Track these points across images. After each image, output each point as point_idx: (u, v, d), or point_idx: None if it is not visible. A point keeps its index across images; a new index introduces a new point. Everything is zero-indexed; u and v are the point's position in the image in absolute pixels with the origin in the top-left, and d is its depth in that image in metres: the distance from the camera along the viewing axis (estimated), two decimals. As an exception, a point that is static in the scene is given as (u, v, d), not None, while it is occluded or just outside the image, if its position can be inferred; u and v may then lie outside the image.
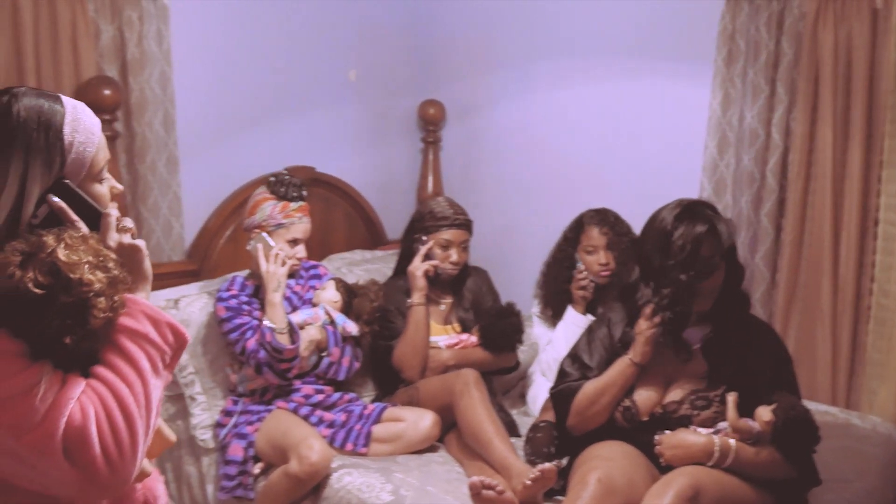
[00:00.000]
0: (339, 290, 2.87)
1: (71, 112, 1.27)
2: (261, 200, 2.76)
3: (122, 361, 1.20)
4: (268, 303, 2.62)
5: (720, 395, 2.17)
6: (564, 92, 3.64)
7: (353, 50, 3.76)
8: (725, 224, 2.21)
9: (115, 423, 1.16)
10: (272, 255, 2.65)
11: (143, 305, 1.25)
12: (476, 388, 2.59)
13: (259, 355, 2.58)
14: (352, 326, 2.80)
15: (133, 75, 2.99)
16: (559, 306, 3.07)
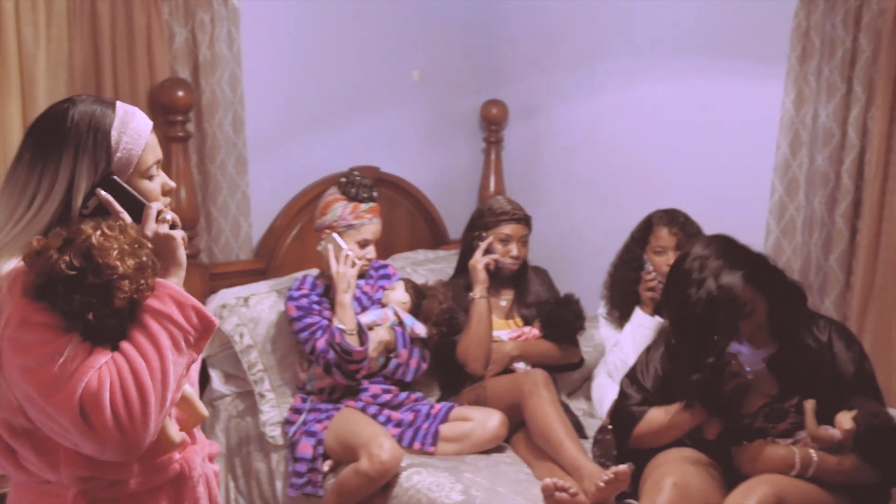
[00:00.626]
0: (409, 290, 2.87)
1: (121, 116, 1.44)
2: (332, 201, 2.77)
3: (143, 338, 1.33)
4: (338, 304, 2.64)
5: (795, 404, 2.11)
6: (631, 91, 3.60)
7: (417, 50, 3.78)
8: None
9: (127, 392, 1.29)
10: (342, 256, 2.66)
11: (171, 289, 1.37)
12: (545, 387, 2.59)
13: (328, 356, 2.60)
14: (420, 328, 2.80)
15: (204, 77, 3.05)
16: (626, 308, 3.04)
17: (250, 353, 2.82)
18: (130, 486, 1.45)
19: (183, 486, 1.51)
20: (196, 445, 1.56)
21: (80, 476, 1.39)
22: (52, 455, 1.38)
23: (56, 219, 1.37)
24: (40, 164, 1.39)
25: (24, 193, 1.38)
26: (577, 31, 3.73)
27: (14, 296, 1.31)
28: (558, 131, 3.85)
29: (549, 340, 2.95)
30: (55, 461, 1.38)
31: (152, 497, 1.48)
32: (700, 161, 3.41)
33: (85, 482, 1.40)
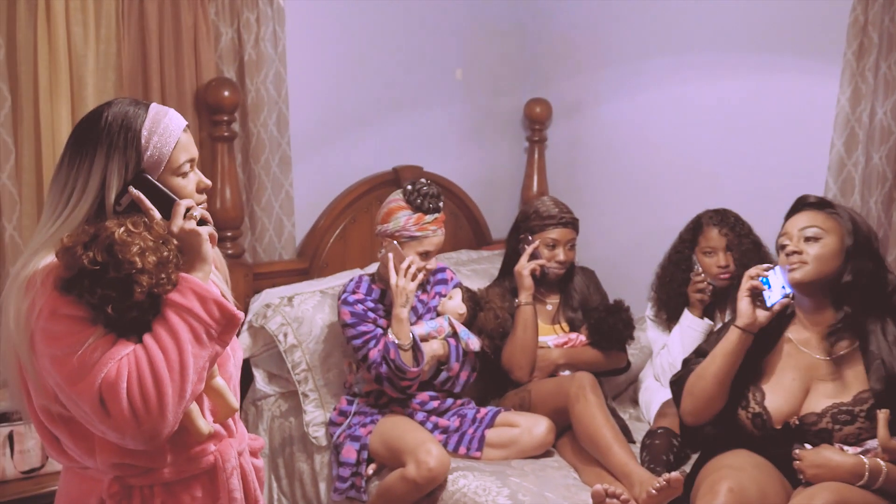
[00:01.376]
0: (465, 301, 2.78)
1: (152, 116, 1.49)
2: (395, 209, 2.66)
3: (163, 330, 1.38)
4: (394, 317, 2.56)
5: (866, 410, 2.02)
6: (678, 89, 3.53)
7: (459, 48, 3.77)
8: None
9: (144, 383, 1.34)
10: (403, 268, 2.57)
11: (194, 283, 1.42)
12: (592, 391, 2.54)
13: (381, 369, 2.55)
14: (475, 343, 2.71)
15: (250, 76, 3.06)
16: (675, 310, 2.97)
17: (294, 352, 2.81)
18: (164, 475, 1.49)
19: (217, 478, 1.54)
20: (233, 438, 1.59)
21: (113, 462, 1.44)
22: (87, 441, 1.44)
23: (91, 216, 1.44)
24: (76, 163, 1.46)
25: (63, 192, 1.45)
26: (621, 29, 3.68)
27: (46, 289, 1.37)
28: (603, 130, 3.81)
29: (596, 348, 2.90)
30: (91, 447, 1.44)
31: (186, 487, 1.53)
32: (751, 160, 3.33)
33: (119, 469, 1.46)
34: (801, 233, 2.13)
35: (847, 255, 2.11)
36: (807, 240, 2.12)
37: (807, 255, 2.10)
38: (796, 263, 2.10)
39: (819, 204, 2.19)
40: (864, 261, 2.12)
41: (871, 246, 2.15)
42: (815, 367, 2.13)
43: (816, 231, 2.12)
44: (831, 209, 2.17)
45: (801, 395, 2.12)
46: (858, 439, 2.03)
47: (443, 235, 2.69)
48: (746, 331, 2.13)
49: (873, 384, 2.05)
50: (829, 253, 2.10)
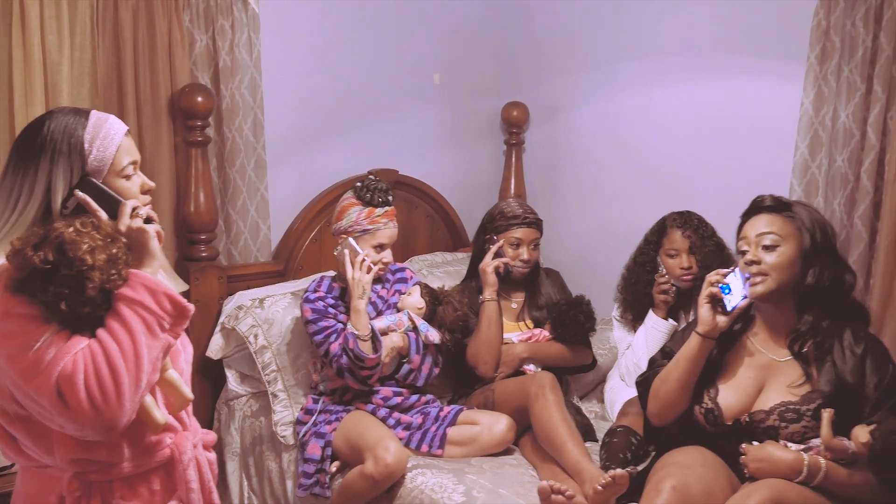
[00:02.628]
0: (424, 296, 2.86)
1: (94, 123, 1.57)
2: (347, 206, 2.78)
3: (116, 324, 1.45)
4: (353, 309, 2.65)
5: (813, 409, 2.06)
6: (651, 92, 3.58)
7: (437, 53, 3.80)
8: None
9: (100, 373, 1.40)
10: (358, 261, 2.68)
11: (143, 278, 1.49)
12: (551, 390, 2.58)
13: (342, 360, 2.62)
14: (434, 335, 2.80)
15: (224, 82, 3.10)
16: (640, 310, 3.02)
17: (264, 353, 2.86)
18: (123, 470, 1.54)
19: (174, 470, 1.60)
20: (188, 431, 1.66)
21: (72, 459, 1.49)
22: (45, 439, 1.48)
23: (38, 220, 1.51)
24: (21, 170, 1.53)
25: (10, 198, 1.52)
26: (596, 33, 3.72)
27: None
28: (579, 133, 3.85)
29: (559, 342, 2.95)
30: (49, 445, 1.49)
31: (145, 480, 1.58)
32: (718, 162, 3.37)
33: (78, 465, 1.50)
34: (758, 239, 2.15)
35: (806, 259, 2.13)
36: (765, 248, 2.14)
37: (765, 265, 2.12)
38: (756, 276, 2.13)
39: (776, 206, 2.20)
40: (824, 263, 2.14)
41: (829, 246, 2.17)
42: (771, 366, 2.17)
43: (774, 238, 2.13)
44: (788, 212, 2.19)
45: (754, 393, 2.16)
46: (803, 437, 2.07)
47: (395, 228, 2.79)
48: (707, 337, 2.17)
49: (822, 385, 2.09)
50: (787, 261, 2.13)
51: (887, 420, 1.97)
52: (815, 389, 2.09)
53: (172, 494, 1.61)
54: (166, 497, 1.61)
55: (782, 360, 2.17)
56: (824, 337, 2.12)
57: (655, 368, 2.32)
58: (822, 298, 2.14)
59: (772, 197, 2.23)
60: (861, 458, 1.97)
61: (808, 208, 2.23)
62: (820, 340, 2.12)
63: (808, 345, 2.14)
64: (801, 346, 2.15)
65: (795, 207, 2.19)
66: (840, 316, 2.16)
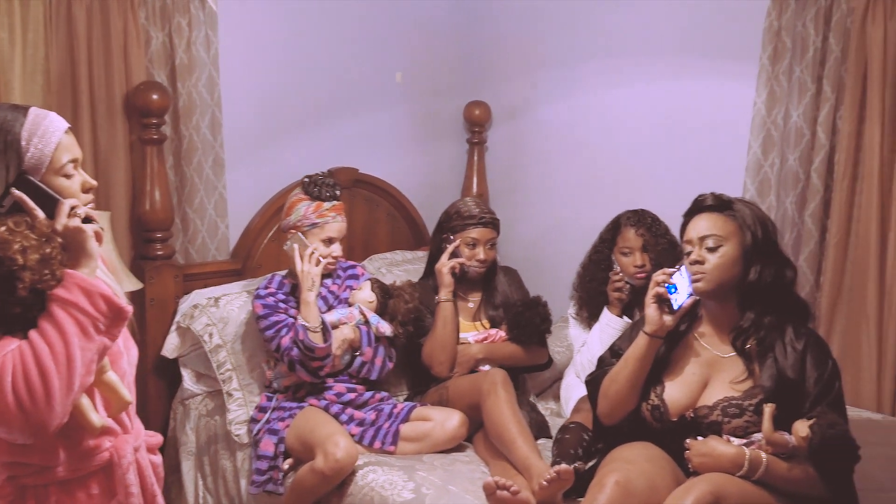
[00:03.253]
0: (375, 290, 2.89)
1: (31, 119, 1.52)
2: (295, 201, 2.80)
3: (48, 325, 1.41)
4: (302, 302, 2.67)
5: (755, 404, 2.09)
6: (610, 92, 3.61)
7: (399, 52, 3.79)
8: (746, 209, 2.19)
9: (28, 375, 1.37)
10: (307, 254, 2.71)
11: (79, 279, 1.45)
12: (503, 387, 2.59)
13: (292, 353, 2.63)
14: (385, 327, 2.82)
15: (181, 80, 3.08)
16: (595, 308, 3.04)
17: (219, 352, 2.86)
18: (59, 473, 1.51)
19: (113, 474, 1.57)
20: (129, 434, 1.62)
21: (4, 462, 1.47)
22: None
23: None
24: None
25: None
26: (557, 33, 3.74)
27: None
28: (540, 133, 3.86)
29: (515, 343, 2.96)
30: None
31: (82, 484, 1.55)
32: (675, 161, 3.41)
33: (11, 468, 1.48)
34: (701, 241, 2.17)
35: (748, 257, 2.15)
36: (708, 249, 2.16)
37: (707, 265, 2.15)
38: (698, 274, 2.16)
39: (718, 206, 2.22)
40: (765, 260, 2.16)
41: (771, 242, 2.19)
42: (715, 363, 2.20)
43: (716, 239, 2.15)
44: (730, 210, 2.21)
45: (699, 389, 2.19)
46: (746, 432, 2.10)
47: (344, 222, 2.81)
48: (655, 336, 2.19)
49: (764, 381, 2.11)
50: (729, 261, 2.15)
51: (825, 415, 2.00)
52: (757, 385, 2.12)
53: (112, 499, 1.59)
54: (105, 501, 1.58)
55: (726, 356, 2.19)
56: (766, 333, 2.15)
57: (605, 368, 2.34)
58: (764, 295, 2.17)
59: (713, 196, 2.24)
60: (801, 451, 2.00)
61: (750, 205, 2.24)
62: (762, 337, 2.15)
63: (750, 341, 2.17)
64: (743, 343, 2.18)
65: (736, 205, 2.21)
66: (782, 311, 2.18)
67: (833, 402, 2.06)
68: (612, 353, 2.38)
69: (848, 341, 2.89)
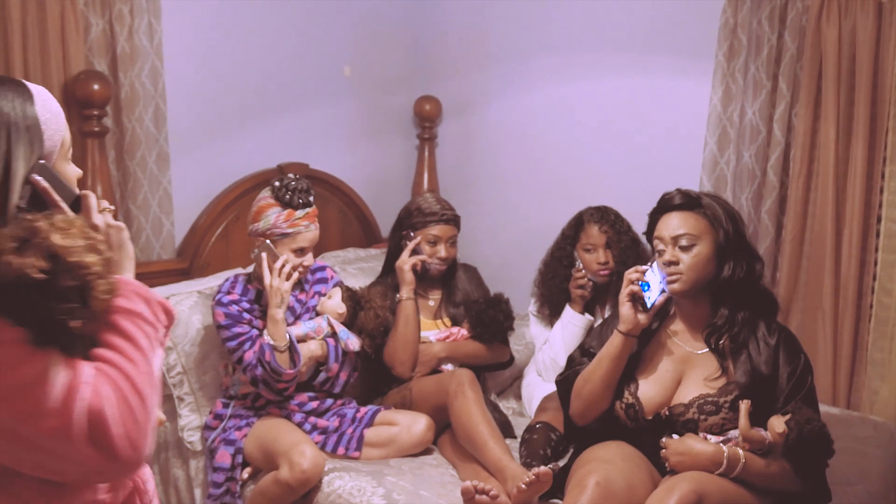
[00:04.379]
0: (346, 300, 2.73)
1: (38, 94, 1.26)
2: (265, 207, 2.59)
3: (123, 342, 1.19)
4: (269, 318, 2.49)
5: (730, 401, 2.08)
6: (562, 87, 3.58)
7: (348, 45, 3.70)
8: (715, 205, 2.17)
9: (129, 403, 1.14)
10: (277, 267, 2.50)
11: (134, 285, 1.24)
12: (471, 388, 2.54)
13: (256, 371, 2.49)
14: (354, 343, 2.67)
15: (123, 70, 2.93)
16: (557, 305, 3.01)
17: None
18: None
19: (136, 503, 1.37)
20: None
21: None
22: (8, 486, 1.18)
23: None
24: None
25: None
26: (509, 28, 3.70)
27: None
28: (490, 128, 3.83)
29: (477, 341, 2.91)
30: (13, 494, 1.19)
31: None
32: (629, 158, 3.40)
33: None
34: (674, 240, 2.15)
35: (721, 255, 2.14)
36: (682, 248, 2.13)
37: (682, 265, 2.13)
38: (674, 275, 2.13)
39: (687, 203, 2.19)
40: (737, 255, 2.15)
41: (740, 236, 2.18)
42: (688, 359, 2.18)
43: (689, 238, 2.13)
44: (700, 207, 2.19)
45: (673, 386, 2.17)
46: (722, 429, 2.09)
47: (317, 230, 2.64)
48: (630, 335, 2.16)
49: (738, 377, 2.11)
50: (703, 259, 2.13)
51: (801, 410, 2.00)
52: (732, 381, 2.11)
53: None
54: None
55: (699, 352, 2.19)
56: (740, 329, 2.14)
57: (575, 367, 2.30)
58: (736, 290, 2.16)
59: (680, 194, 2.21)
60: (777, 447, 2.00)
61: (718, 200, 2.23)
62: (735, 333, 2.14)
63: (724, 338, 2.16)
64: (717, 340, 2.17)
65: (705, 201, 2.18)
66: (752, 306, 2.18)
67: (806, 397, 2.08)
68: (581, 352, 2.34)
69: (804, 336, 2.93)
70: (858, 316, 2.89)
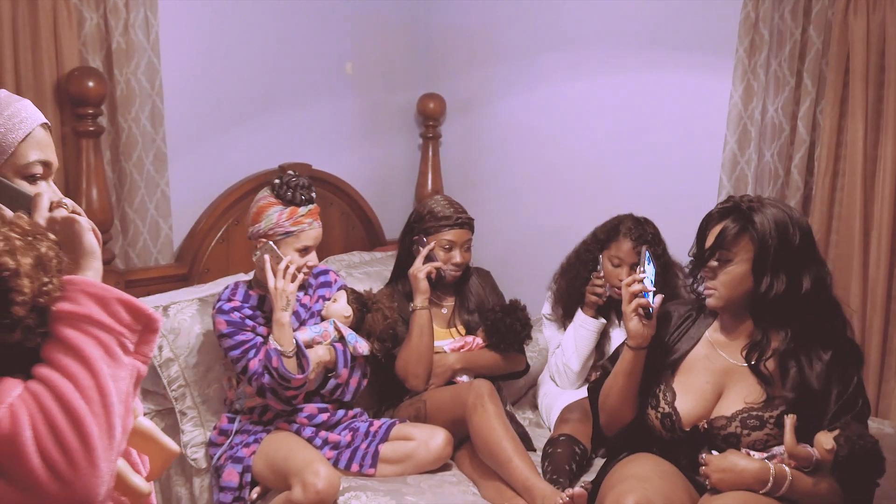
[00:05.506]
0: (351, 303, 2.62)
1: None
2: (265, 206, 2.48)
3: (61, 353, 1.02)
4: (275, 322, 2.37)
5: (776, 416, 1.96)
6: (573, 85, 3.48)
7: (349, 41, 3.59)
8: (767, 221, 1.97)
9: (57, 428, 0.97)
10: (281, 269, 2.38)
11: (83, 284, 1.07)
12: (491, 401, 2.41)
13: (263, 379, 2.35)
14: (363, 346, 2.56)
15: (118, 67, 2.81)
16: (571, 305, 2.89)
17: (170, 366, 2.58)
18: None
19: None
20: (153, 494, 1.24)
21: None
22: None
23: None
24: None
25: None
26: (517, 23, 3.59)
27: None
28: (496, 127, 3.73)
29: (493, 350, 2.78)
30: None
31: None
32: (645, 157, 3.30)
33: None
34: (712, 254, 2.01)
35: (761, 271, 1.98)
36: (718, 263, 2.01)
37: (717, 282, 2.02)
38: (709, 290, 2.04)
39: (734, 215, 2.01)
40: (783, 270, 1.98)
41: (790, 251, 1.99)
42: (731, 372, 2.06)
43: (725, 254, 2.00)
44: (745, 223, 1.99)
45: (713, 398, 2.06)
46: (766, 445, 1.98)
47: (320, 228, 2.54)
48: (640, 349, 2.07)
49: (786, 391, 1.99)
50: (738, 278, 2.00)
51: (850, 426, 1.89)
52: (778, 395, 1.99)
53: None
54: None
55: (742, 364, 2.06)
56: (784, 346, 2.01)
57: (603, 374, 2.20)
58: (777, 307, 2.00)
59: (733, 202, 2.04)
60: (825, 465, 1.89)
61: (774, 209, 2.01)
62: (778, 349, 2.01)
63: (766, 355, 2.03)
64: (758, 358, 2.03)
65: (757, 216, 1.98)
66: (804, 319, 2.01)
67: (857, 415, 1.96)
68: (612, 360, 2.23)
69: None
70: (888, 321, 2.80)
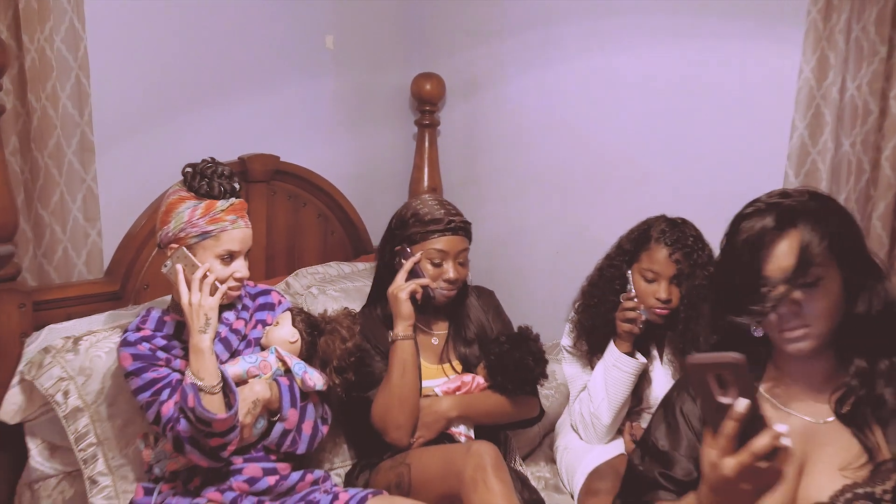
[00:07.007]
0: (297, 325, 2.16)
1: None
2: (175, 202, 2.05)
3: None
4: (192, 348, 1.91)
5: (892, 488, 1.48)
6: (597, 61, 3.09)
7: (331, 10, 3.28)
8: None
9: None
10: (197, 278, 1.96)
11: None
12: (495, 474, 1.89)
13: (179, 426, 1.86)
14: (315, 378, 2.08)
15: (28, 31, 2.42)
16: (597, 340, 2.39)
17: (78, 419, 2.06)
18: None
19: None
20: None
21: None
22: None
23: None
24: None
25: None
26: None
27: None
28: (506, 112, 3.41)
29: (498, 392, 2.28)
30: None
31: None
32: (687, 149, 2.89)
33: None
34: (787, 275, 1.50)
35: (858, 285, 1.53)
36: (801, 286, 1.51)
37: (807, 317, 1.52)
38: (798, 331, 1.52)
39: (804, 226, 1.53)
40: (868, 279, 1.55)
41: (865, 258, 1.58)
42: (811, 434, 1.57)
43: (814, 272, 1.50)
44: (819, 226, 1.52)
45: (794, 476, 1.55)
46: None
47: (247, 229, 2.11)
48: None
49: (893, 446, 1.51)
50: (834, 303, 1.53)
51: None
52: (888, 458, 1.51)
53: None
54: None
55: (822, 421, 1.57)
56: (872, 378, 1.55)
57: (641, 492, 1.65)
58: (868, 333, 1.54)
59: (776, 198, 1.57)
60: None
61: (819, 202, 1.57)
62: (870, 384, 1.55)
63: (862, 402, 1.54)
64: (854, 407, 1.54)
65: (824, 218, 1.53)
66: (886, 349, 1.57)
67: None
68: (644, 450, 1.67)
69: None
70: None
